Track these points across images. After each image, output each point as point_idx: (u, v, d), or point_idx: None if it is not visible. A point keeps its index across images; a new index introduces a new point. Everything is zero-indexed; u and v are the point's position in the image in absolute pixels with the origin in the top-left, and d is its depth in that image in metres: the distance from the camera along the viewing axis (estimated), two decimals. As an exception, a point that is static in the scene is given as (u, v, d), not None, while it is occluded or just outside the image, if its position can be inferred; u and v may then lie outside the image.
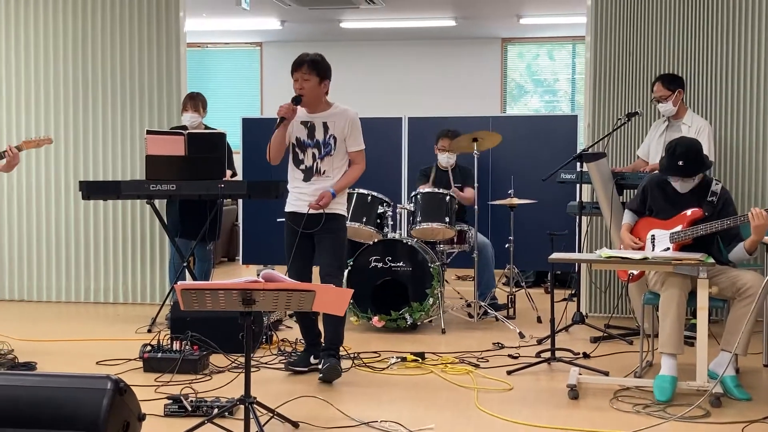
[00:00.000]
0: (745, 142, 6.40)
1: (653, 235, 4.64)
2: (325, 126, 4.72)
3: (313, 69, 4.61)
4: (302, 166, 4.75)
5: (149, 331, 6.04)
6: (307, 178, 4.73)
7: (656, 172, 5.16)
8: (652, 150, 5.99)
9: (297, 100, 4.63)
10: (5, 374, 3.46)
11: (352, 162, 4.80)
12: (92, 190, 6.14)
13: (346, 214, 4.91)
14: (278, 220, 4.90)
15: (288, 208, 4.80)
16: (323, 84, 4.68)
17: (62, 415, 3.15)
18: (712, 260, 4.25)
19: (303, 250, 4.69)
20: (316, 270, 4.83)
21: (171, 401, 4.03)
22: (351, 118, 4.75)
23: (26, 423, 3.17)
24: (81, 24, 7.35)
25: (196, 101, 6.73)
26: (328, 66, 4.71)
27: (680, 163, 4.49)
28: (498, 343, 5.61)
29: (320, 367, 4.61)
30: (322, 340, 4.76)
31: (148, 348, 4.95)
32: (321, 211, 4.62)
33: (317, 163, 4.72)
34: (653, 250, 4.59)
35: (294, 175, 4.80)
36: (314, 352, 4.84)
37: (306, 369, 4.80)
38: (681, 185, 4.58)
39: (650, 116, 6.46)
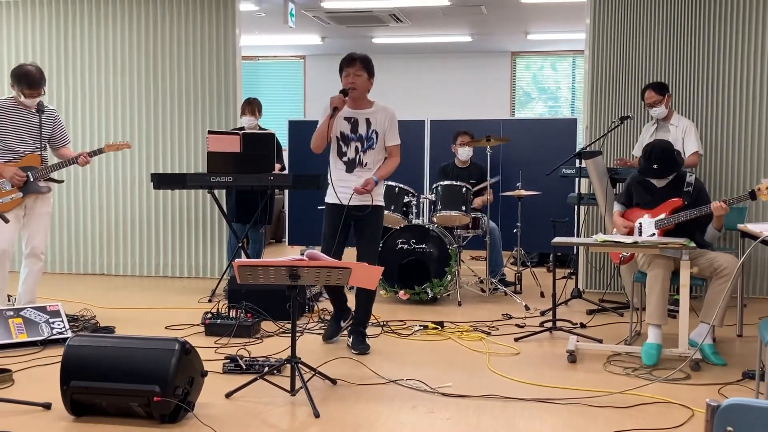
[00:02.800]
0: (724, 139, 6.38)
1: (641, 223, 4.62)
2: (368, 121, 4.49)
3: (364, 67, 4.40)
4: (345, 158, 4.50)
5: (210, 301, 6.09)
6: (349, 170, 4.49)
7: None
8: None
9: (346, 93, 4.38)
10: (89, 336, 3.51)
11: (389, 155, 4.59)
12: (162, 181, 6.18)
13: (384, 205, 4.71)
14: (319, 207, 4.81)
15: (330, 200, 4.54)
16: (370, 81, 4.48)
17: (137, 371, 3.20)
18: (693, 244, 4.22)
19: (341, 235, 4.50)
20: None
21: (228, 360, 4.07)
22: (391, 115, 4.55)
23: (107, 377, 3.22)
24: (152, 42, 7.40)
25: (252, 106, 6.77)
26: (373, 65, 4.50)
27: (655, 166, 4.50)
28: (507, 314, 5.60)
29: (350, 343, 4.55)
30: (352, 309, 4.71)
31: (209, 315, 4.99)
32: (369, 202, 4.43)
33: (360, 156, 4.50)
34: (641, 235, 4.57)
35: (336, 167, 4.53)
36: (343, 316, 4.80)
37: (338, 336, 4.76)
38: (657, 181, 4.58)
39: (640, 119, 6.43)
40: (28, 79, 4.88)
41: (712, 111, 6.38)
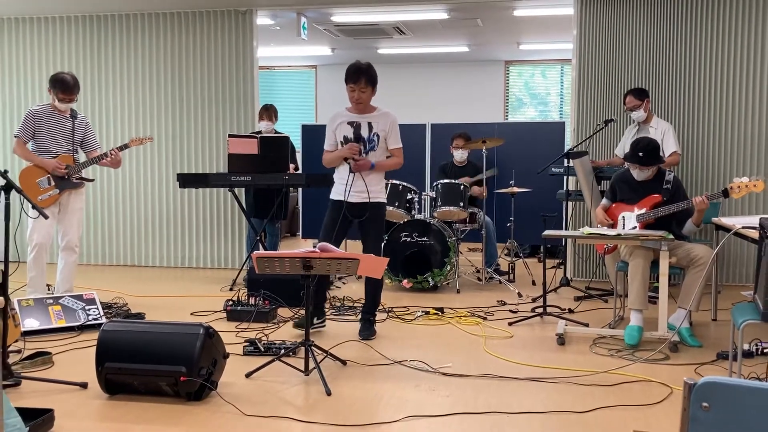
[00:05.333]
0: (699, 140, 6.36)
1: (623, 217, 4.62)
2: (370, 125, 4.37)
3: (369, 82, 4.29)
4: (349, 160, 4.34)
5: (231, 289, 6.11)
6: (351, 170, 4.34)
7: (621, 168, 5.13)
8: (627, 150, 5.94)
9: (358, 139, 4.32)
10: (122, 322, 3.52)
11: (392, 156, 4.51)
12: (187, 180, 6.19)
13: (386, 202, 4.61)
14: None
15: (335, 197, 4.45)
16: (374, 91, 4.37)
17: (165, 353, 3.21)
18: (671, 236, 4.22)
19: (340, 230, 4.40)
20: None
21: (248, 343, 4.08)
22: (392, 120, 4.43)
23: (138, 359, 3.24)
24: (178, 54, 7.41)
25: (269, 112, 6.77)
26: (376, 73, 4.38)
27: (640, 154, 4.48)
28: (501, 300, 5.60)
29: (359, 328, 4.51)
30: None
31: (230, 302, 5.01)
32: (367, 199, 4.36)
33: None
34: (624, 228, 4.57)
35: (342, 167, 4.43)
36: (318, 314, 4.60)
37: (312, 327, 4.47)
38: (638, 173, 4.56)
39: (622, 123, 6.42)
40: (63, 85, 4.92)
41: (689, 114, 6.37)
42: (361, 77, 4.29)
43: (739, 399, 1.41)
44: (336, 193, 4.48)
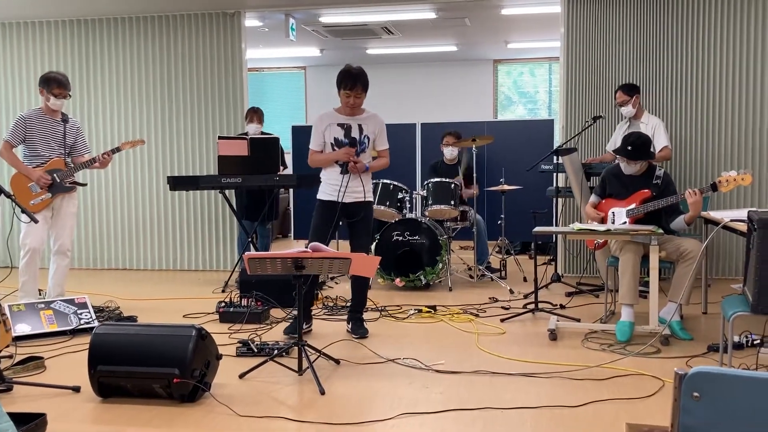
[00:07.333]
0: (688, 135, 6.39)
1: (613, 212, 4.63)
2: (360, 127, 4.37)
3: (364, 89, 4.30)
4: (340, 161, 4.39)
5: (223, 291, 6.09)
6: (344, 171, 4.34)
7: (612, 163, 5.14)
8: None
9: (354, 143, 4.31)
10: (114, 325, 3.51)
11: (380, 157, 4.53)
12: (177, 182, 6.16)
13: (373, 200, 4.64)
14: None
15: (326, 197, 4.39)
16: (365, 95, 4.40)
17: (158, 356, 3.20)
18: (661, 231, 4.24)
19: (332, 230, 4.37)
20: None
21: (241, 344, 4.07)
22: (381, 122, 4.46)
23: (131, 361, 3.22)
24: (167, 57, 7.38)
25: (258, 114, 6.76)
26: (368, 78, 4.39)
27: (629, 148, 4.50)
28: (493, 297, 5.61)
29: (350, 328, 4.52)
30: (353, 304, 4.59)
31: (223, 304, 4.99)
32: (362, 198, 4.38)
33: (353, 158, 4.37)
34: (614, 223, 4.58)
35: (332, 169, 4.42)
36: (305, 318, 4.49)
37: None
38: (626, 167, 4.57)
39: (611, 119, 6.44)
40: (56, 81, 4.92)
41: (676, 109, 6.40)
42: (358, 84, 4.27)
43: (730, 388, 1.42)
44: (326, 194, 4.43)
